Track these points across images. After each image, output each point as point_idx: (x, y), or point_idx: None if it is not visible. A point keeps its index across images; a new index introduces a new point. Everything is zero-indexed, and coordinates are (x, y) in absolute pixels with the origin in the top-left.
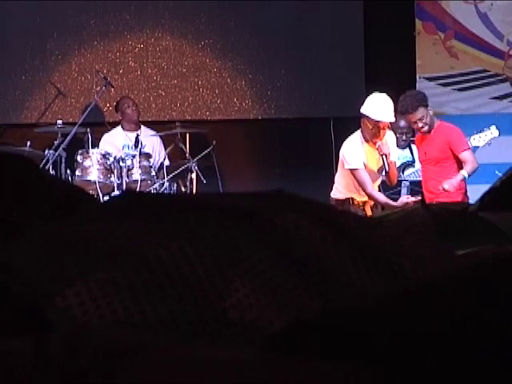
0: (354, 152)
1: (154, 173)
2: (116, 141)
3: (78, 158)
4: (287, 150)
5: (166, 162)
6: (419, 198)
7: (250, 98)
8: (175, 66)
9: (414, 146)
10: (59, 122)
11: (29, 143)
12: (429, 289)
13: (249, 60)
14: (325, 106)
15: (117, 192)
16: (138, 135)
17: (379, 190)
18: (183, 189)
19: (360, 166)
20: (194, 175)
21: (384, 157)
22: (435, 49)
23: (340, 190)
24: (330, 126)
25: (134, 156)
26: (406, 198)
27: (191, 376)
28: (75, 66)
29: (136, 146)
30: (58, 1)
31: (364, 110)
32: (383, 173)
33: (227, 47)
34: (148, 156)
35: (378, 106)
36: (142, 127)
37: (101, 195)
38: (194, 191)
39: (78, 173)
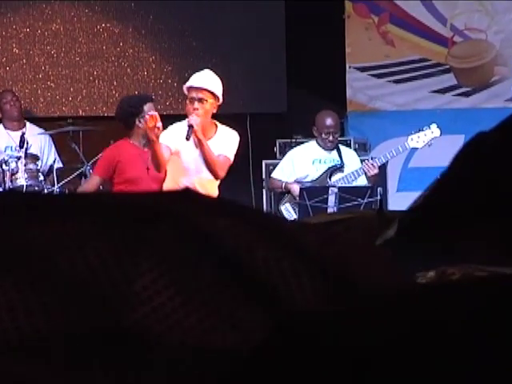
0: (169, 129)
1: (42, 177)
2: None
3: None
4: None
5: (57, 165)
6: None
7: (154, 90)
8: (67, 54)
9: (343, 148)
10: None
11: None
12: (379, 305)
13: (152, 47)
14: (240, 100)
15: None
16: (23, 134)
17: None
18: None
19: (167, 142)
20: None
21: (190, 128)
22: (368, 34)
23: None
24: (247, 123)
25: (18, 158)
26: None
27: None
28: None
29: (21, 147)
30: None
31: None
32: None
33: (127, 32)
34: (35, 158)
35: (193, 76)
36: (28, 125)
37: None
38: None
39: None
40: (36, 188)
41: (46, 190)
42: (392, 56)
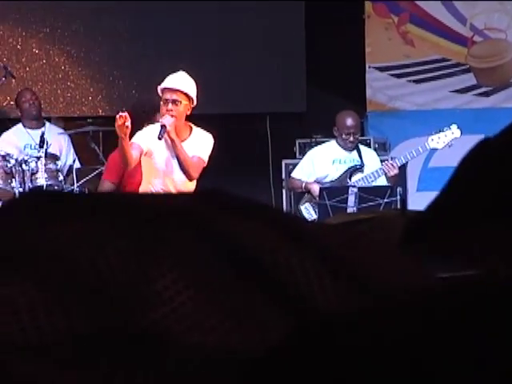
0: (144, 130)
1: (61, 177)
2: (16, 140)
3: None
4: (219, 148)
5: (77, 165)
6: None
7: None
8: (87, 54)
9: (363, 148)
10: None
11: None
12: (393, 305)
13: (172, 47)
14: (259, 100)
15: None
16: (42, 133)
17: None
18: None
19: (139, 141)
20: None
21: (163, 128)
22: (387, 34)
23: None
24: (267, 123)
25: (38, 158)
26: None
27: None
28: None
29: (41, 146)
30: None
31: None
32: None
33: (148, 32)
34: (55, 158)
35: (167, 77)
36: (47, 124)
37: None
38: None
39: None
40: (56, 188)
41: (65, 190)
42: (412, 56)
